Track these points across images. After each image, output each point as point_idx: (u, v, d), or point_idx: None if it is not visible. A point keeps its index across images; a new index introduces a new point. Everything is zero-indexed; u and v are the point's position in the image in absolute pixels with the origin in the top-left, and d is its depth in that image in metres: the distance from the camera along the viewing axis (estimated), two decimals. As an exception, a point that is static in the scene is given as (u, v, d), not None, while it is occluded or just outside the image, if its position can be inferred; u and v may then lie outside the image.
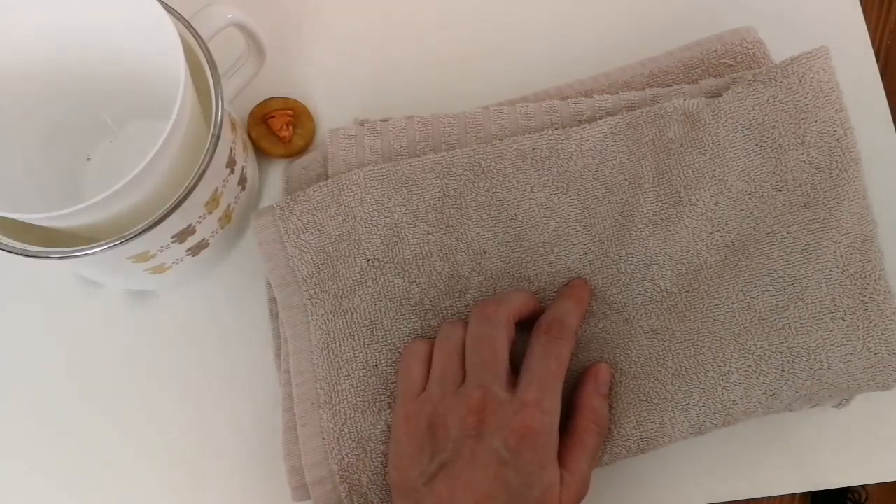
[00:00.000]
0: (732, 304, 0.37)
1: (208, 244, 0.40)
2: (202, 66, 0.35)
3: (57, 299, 0.43)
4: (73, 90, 0.39)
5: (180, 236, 0.37)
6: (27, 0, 0.35)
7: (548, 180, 0.39)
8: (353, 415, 0.37)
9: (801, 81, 0.38)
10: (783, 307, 0.37)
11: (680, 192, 0.38)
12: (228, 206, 0.39)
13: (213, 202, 0.37)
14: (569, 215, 0.39)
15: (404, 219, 0.39)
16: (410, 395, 0.36)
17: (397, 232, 0.39)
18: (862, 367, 0.36)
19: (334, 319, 0.38)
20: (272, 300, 0.41)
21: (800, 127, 0.38)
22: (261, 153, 0.45)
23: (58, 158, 0.41)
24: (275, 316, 0.41)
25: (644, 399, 0.36)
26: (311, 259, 0.39)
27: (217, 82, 0.35)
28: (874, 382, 0.36)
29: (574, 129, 0.40)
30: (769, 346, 0.36)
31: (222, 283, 0.43)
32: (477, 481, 0.33)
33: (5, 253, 0.33)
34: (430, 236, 0.39)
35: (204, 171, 0.34)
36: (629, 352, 0.37)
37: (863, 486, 1.01)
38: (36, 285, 0.43)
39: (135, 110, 0.42)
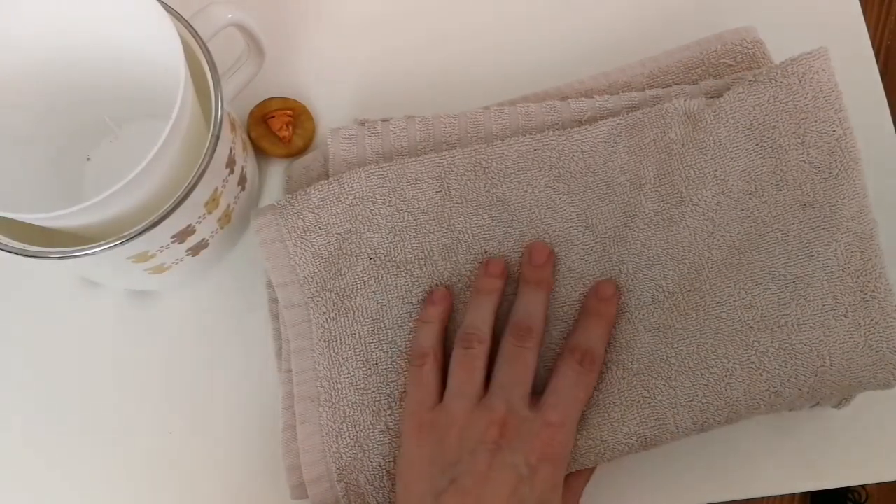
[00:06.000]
0: (734, 301, 0.37)
1: (208, 244, 0.40)
2: (202, 66, 0.35)
3: (57, 299, 0.43)
4: (73, 90, 0.39)
5: (180, 236, 0.37)
6: (27, 1, 0.35)
7: (549, 181, 0.39)
8: (352, 413, 0.37)
9: (800, 82, 0.38)
10: (785, 304, 0.37)
11: (682, 193, 0.38)
12: (228, 206, 0.39)
13: (212, 202, 0.37)
14: (570, 216, 0.39)
15: (406, 218, 0.39)
16: (425, 405, 0.36)
17: (399, 231, 0.39)
18: (864, 365, 0.36)
19: (336, 318, 0.38)
20: (272, 300, 0.41)
21: (800, 127, 0.38)
22: (261, 153, 0.45)
23: (58, 158, 0.41)
24: (275, 316, 0.41)
25: (647, 395, 0.36)
26: (313, 257, 0.39)
27: (217, 82, 0.35)
28: (875, 380, 0.36)
29: (575, 129, 0.40)
30: (772, 342, 0.36)
31: (222, 283, 0.43)
32: (490, 498, 0.32)
33: (5, 253, 0.33)
34: (431, 235, 0.39)
35: (204, 171, 0.34)
36: (632, 350, 0.37)
37: (863, 486, 1.01)
38: (36, 285, 0.43)
39: (135, 110, 0.42)
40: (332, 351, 0.38)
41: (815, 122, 0.38)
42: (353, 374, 0.38)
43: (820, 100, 0.38)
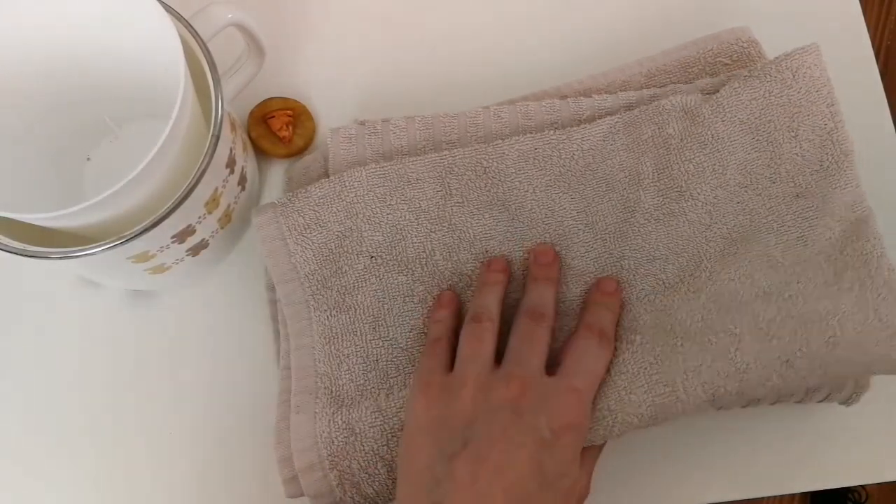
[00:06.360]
0: (735, 284, 0.37)
1: (208, 244, 0.40)
2: (202, 66, 0.35)
3: (57, 299, 0.43)
4: (73, 90, 0.39)
5: (180, 236, 0.37)
6: (27, 1, 0.35)
7: (550, 180, 0.39)
8: (349, 403, 0.37)
9: (794, 76, 0.39)
10: (787, 283, 0.36)
11: (682, 187, 0.38)
12: (228, 206, 0.39)
13: (212, 202, 0.37)
14: (570, 214, 0.39)
15: (407, 217, 0.39)
16: (435, 371, 0.34)
17: (400, 230, 0.39)
18: (875, 340, 0.35)
19: (337, 315, 0.38)
20: (272, 302, 0.41)
21: (793, 121, 0.38)
22: (261, 153, 0.45)
23: (58, 158, 0.41)
24: (275, 318, 0.41)
25: (654, 362, 0.36)
26: (314, 255, 0.39)
27: (217, 82, 0.35)
28: (890, 361, 0.36)
29: (575, 129, 0.40)
30: (779, 312, 0.36)
31: (222, 284, 0.43)
32: (507, 463, 0.30)
33: (5, 253, 0.33)
34: (432, 234, 0.39)
35: (204, 171, 0.34)
36: (634, 328, 0.37)
37: (863, 486, 1.01)
38: (36, 285, 0.43)
39: (135, 110, 0.42)
40: (332, 348, 0.38)
41: (808, 115, 0.38)
42: (353, 370, 0.38)
43: (812, 94, 0.38)
